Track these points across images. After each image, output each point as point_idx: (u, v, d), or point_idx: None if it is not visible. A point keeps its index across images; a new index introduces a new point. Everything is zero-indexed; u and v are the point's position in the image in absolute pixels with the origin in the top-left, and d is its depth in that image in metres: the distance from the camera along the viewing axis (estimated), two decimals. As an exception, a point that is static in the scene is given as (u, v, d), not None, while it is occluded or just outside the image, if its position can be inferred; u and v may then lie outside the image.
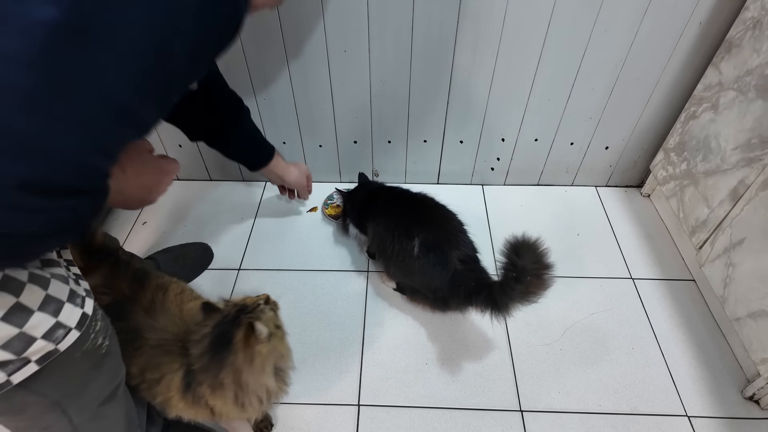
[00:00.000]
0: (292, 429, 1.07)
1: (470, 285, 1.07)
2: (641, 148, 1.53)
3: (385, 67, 1.32)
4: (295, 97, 1.41)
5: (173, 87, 0.51)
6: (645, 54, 1.28)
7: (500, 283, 1.00)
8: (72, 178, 0.45)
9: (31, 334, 0.55)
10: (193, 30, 0.48)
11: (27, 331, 0.55)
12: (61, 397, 0.65)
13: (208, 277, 1.38)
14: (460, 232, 1.17)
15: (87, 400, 0.69)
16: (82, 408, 0.69)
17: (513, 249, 0.96)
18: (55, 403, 0.64)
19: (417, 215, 1.20)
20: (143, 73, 0.46)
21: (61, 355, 0.60)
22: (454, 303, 1.13)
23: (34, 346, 0.56)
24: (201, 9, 0.48)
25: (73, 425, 0.69)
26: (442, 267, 1.10)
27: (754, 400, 1.10)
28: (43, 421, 0.66)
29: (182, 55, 0.49)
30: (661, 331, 1.24)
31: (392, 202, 1.28)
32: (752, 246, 1.07)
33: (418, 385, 1.14)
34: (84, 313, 0.62)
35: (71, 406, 0.67)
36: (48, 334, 0.57)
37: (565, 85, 1.36)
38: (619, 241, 1.46)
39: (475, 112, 1.43)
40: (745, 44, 1.12)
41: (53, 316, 0.57)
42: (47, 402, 0.63)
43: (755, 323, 1.05)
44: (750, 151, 1.09)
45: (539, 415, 1.09)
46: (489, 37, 1.25)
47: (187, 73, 0.53)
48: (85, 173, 0.46)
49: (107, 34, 0.42)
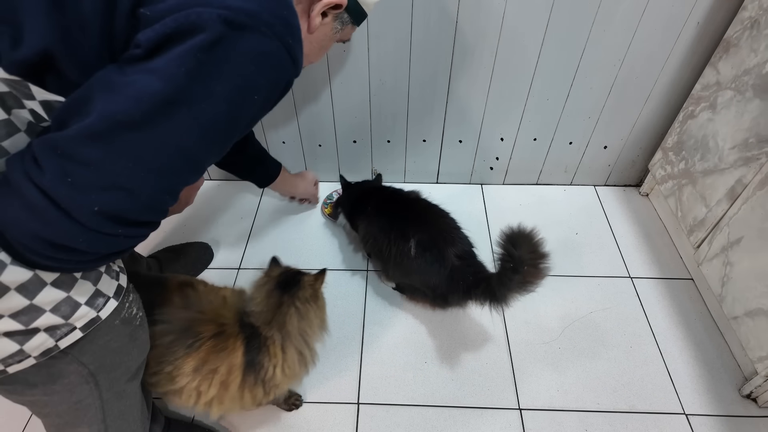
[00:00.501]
0: (292, 427, 1.08)
1: (468, 279, 1.08)
2: (639, 148, 1.53)
3: (385, 66, 1.32)
4: (295, 96, 1.41)
5: (233, 141, 0.62)
6: (643, 53, 1.28)
7: (498, 274, 1.01)
8: (144, 213, 0.55)
9: (76, 300, 0.60)
10: (259, 101, 0.59)
11: (73, 296, 0.60)
12: (98, 369, 0.68)
13: (209, 276, 1.38)
14: (455, 229, 1.17)
15: (119, 373, 0.73)
16: (113, 382, 0.72)
17: (509, 240, 0.97)
18: (91, 374, 0.68)
19: (411, 216, 1.21)
20: (214, 134, 0.57)
21: (103, 323, 0.64)
22: (453, 299, 1.14)
23: (79, 311, 0.61)
24: (267, 84, 0.59)
25: (101, 401, 0.72)
26: (439, 264, 1.10)
27: (752, 398, 1.11)
28: (75, 395, 0.68)
29: (247, 120, 0.61)
30: (659, 330, 1.24)
31: (385, 203, 1.28)
32: (750, 245, 1.07)
33: (417, 384, 1.14)
34: (119, 285, 0.68)
35: (104, 379, 0.70)
36: (90, 301, 0.62)
37: (563, 85, 1.36)
38: (617, 240, 1.47)
39: (474, 111, 1.44)
40: (742, 44, 1.13)
41: (94, 284, 0.63)
42: (85, 372, 0.67)
43: (753, 321, 1.06)
44: (747, 150, 1.09)
45: (538, 413, 1.09)
46: (488, 37, 1.25)
47: (246, 130, 0.64)
48: (155, 210, 0.57)
49: (194, 105, 0.53)
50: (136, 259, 1.19)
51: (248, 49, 0.55)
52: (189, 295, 0.90)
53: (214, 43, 0.52)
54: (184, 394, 0.85)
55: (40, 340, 0.58)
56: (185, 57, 0.51)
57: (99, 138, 0.49)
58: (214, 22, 0.52)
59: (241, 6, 0.54)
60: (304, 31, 0.71)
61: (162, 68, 0.51)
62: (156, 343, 0.82)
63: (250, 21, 0.54)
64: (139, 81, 0.51)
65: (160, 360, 0.83)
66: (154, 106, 0.51)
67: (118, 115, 0.50)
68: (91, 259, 0.56)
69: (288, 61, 0.59)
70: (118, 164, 0.50)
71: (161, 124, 0.52)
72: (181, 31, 0.52)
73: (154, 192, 0.54)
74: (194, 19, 0.51)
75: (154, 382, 0.85)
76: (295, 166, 1.61)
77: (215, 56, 0.53)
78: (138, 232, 0.57)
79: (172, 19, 0.51)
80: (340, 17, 0.76)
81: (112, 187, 0.51)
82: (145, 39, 0.52)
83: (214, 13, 0.52)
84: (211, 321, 0.86)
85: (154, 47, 0.52)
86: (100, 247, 0.54)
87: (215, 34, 0.52)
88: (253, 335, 0.86)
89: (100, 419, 0.73)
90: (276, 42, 0.57)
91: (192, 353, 0.83)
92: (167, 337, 0.83)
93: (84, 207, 0.49)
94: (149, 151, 0.52)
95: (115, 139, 0.50)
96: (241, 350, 0.85)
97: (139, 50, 0.52)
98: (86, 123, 0.49)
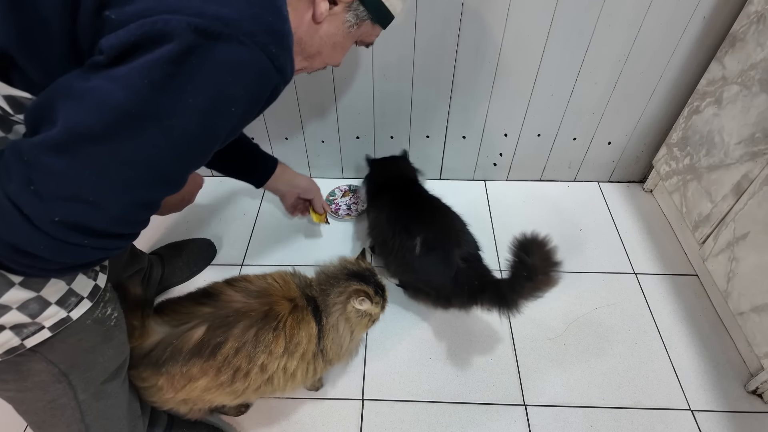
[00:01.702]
0: (297, 424, 1.07)
1: (473, 284, 1.07)
2: (644, 144, 1.53)
3: (388, 61, 1.31)
4: (297, 92, 1.40)
5: (211, 152, 0.59)
6: (648, 49, 1.28)
7: (510, 281, 1.00)
8: (114, 226, 0.53)
9: (46, 299, 0.59)
10: (238, 112, 0.55)
11: (43, 295, 0.58)
12: (69, 368, 0.67)
13: (212, 272, 1.38)
14: (462, 232, 1.16)
15: (94, 373, 0.71)
16: (88, 382, 0.71)
17: (522, 247, 0.97)
18: (62, 373, 0.66)
19: (420, 213, 1.20)
20: (188, 147, 0.54)
21: (74, 323, 0.63)
22: (457, 302, 1.14)
23: (48, 310, 0.59)
24: (247, 96, 0.55)
25: (77, 401, 0.70)
26: (444, 266, 1.10)
27: (758, 394, 1.10)
28: (48, 393, 0.67)
29: (225, 131, 0.57)
30: (663, 326, 1.24)
31: (402, 196, 1.27)
32: (756, 240, 1.07)
33: (421, 380, 1.14)
34: (96, 285, 0.66)
35: (78, 379, 0.69)
36: (61, 300, 0.60)
37: (568, 80, 1.36)
38: (621, 237, 1.46)
39: (477, 106, 1.43)
40: (749, 38, 1.12)
41: (67, 284, 0.61)
42: (55, 371, 0.65)
43: (759, 317, 1.05)
44: (754, 145, 1.08)
45: (543, 409, 1.09)
46: (492, 32, 1.25)
47: (228, 140, 0.60)
48: (126, 222, 0.55)
49: (163, 119, 0.50)
50: (137, 256, 1.17)
51: (224, 59, 0.51)
52: (243, 288, 0.89)
53: (183, 54, 0.48)
54: (275, 379, 0.86)
55: (4, 338, 0.57)
56: (151, 69, 0.48)
57: (62, 149, 0.47)
58: (184, 31, 0.48)
59: (216, 13, 0.49)
60: (308, 20, 0.67)
61: (124, 78, 0.48)
62: (243, 341, 0.81)
63: (227, 29, 0.50)
64: (100, 89, 0.48)
65: (251, 356, 0.82)
66: (116, 119, 0.48)
67: (79, 127, 0.47)
68: (57, 268, 0.54)
69: (271, 70, 0.55)
70: (81, 176, 0.48)
71: (126, 138, 0.49)
72: (147, 40, 0.48)
73: (123, 205, 0.52)
74: (161, 26, 0.47)
75: (249, 386, 0.84)
76: (298, 162, 1.60)
77: (186, 68, 0.49)
78: (109, 244, 0.55)
79: (137, 26, 0.48)
80: (354, 9, 0.70)
81: (75, 198, 0.49)
82: (108, 45, 0.48)
83: (184, 21, 0.48)
84: (283, 298, 0.87)
85: (118, 55, 0.48)
86: (64, 256, 0.52)
87: (185, 44, 0.48)
88: (316, 307, 0.90)
89: (78, 419, 0.72)
90: (257, 52, 0.52)
91: (280, 334, 0.84)
92: (250, 331, 0.82)
93: (45, 216, 0.48)
94: (114, 164, 0.49)
95: (79, 151, 0.48)
96: (312, 320, 0.88)
97: (102, 57, 0.48)
98: (51, 133, 0.47)
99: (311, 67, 0.77)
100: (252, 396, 0.89)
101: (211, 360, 0.80)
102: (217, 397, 0.86)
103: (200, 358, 0.80)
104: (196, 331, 0.81)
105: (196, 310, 0.84)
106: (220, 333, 0.81)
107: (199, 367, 0.80)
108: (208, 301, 0.86)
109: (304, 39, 0.69)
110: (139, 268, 1.17)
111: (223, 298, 0.86)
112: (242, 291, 0.88)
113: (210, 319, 0.82)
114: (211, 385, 0.82)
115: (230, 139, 0.60)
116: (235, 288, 0.88)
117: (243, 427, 1.07)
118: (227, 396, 0.86)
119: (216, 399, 0.86)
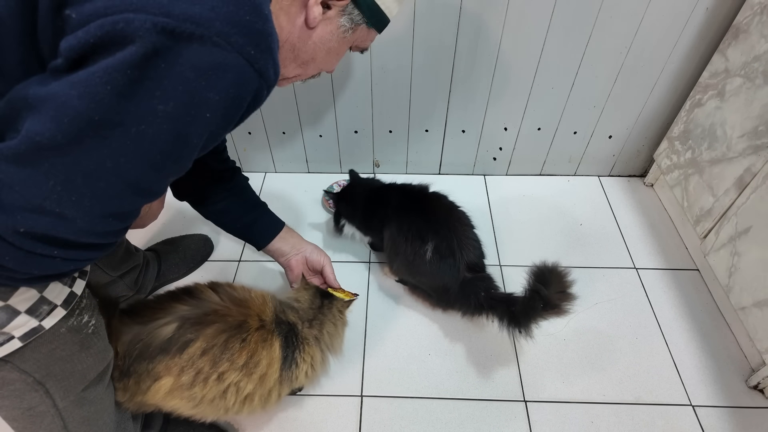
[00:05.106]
0: (295, 421, 1.06)
1: (480, 295, 1.07)
2: (645, 137, 1.51)
3: (386, 54, 1.30)
4: (295, 86, 1.38)
5: (189, 160, 0.55)
6: (650, 41, 1.26)
7: (524, 307, 1.00)
8: (84, 237, 0.51)
9: (15, 308, 0.56)
10: (214, 118, 0.51)
11: (11, 303, 0.56)
12: (45, 377, 0.64)
13: (209, 268, 1.36)
14: (471, 238, 1.14)
15: (72, 381, 0.68)
16: (67, 390, 0.68)
17: (539, 277, 0.98)
18: (38, 382, 0.64)
19: (430, 217, 1.15)
20: (159, 156, 0.50)
21: (46, 332, 0.60)
22: (459, 308, 1.13)
23: (17, 320, 0.57)
24: (223, 101, 0.51)
25: (57, 408, 0.68)
26: (452, 274, 1.09)
27: (759, 389, 1.10)
28: (25, 401, 0.65)
29: (201, 139, 0.53)
30: (664, 321, 1.23)
31: (404, 201, 1.21)
32: (759, 234, 1.05)
33: (421, 376, 1.13)
34: (72, 292, 0.63)
35: (55, 387, 0.66)
36: (32, 309, 0.58)
37: (568, 73, 1.34)
38: (622, 231, 1.45)
39: (477, 100, 1.41)
40: (752, 30, 1.10)
41: (39, 291, 0.58)
42: (30, 380, 0.63)
43: (761, 312, 1.04)
44: (757, 138, 1.07)
45: (543, 405, 1.08)
46: (492, 25, 1.23)
47: (206, 148, 0.56)
48: (98, 233, 0.52)
49: (129, 126, 0.46)
50: (131, 253, 1.16)
51: (195, 63, 0.46)
52: (226, 292, 0.88)
53: (148, 57, 0.44)
54: (229, 394, 0.83)
55: None
56: (112, 74, 0.44)
57: (23, 160, 0.45)
58: (148, 32, 0.44)
59: (185, 12, 0.45)
60: (300, 25, 0.63)
61: (83, 84, 0.44)
62: (212, 343, 0.80)
63: (198, 30, 0.45)
64: (59, 96, 0.44)
65: (215, 361, 0.80)
66: (78, 128, 0.45)
67: (38, 137, 0.44)
68: (24, 278, 0.52)
69: (250, 73, 0.51)
70: (45, 187, 0.46)
71: (91, 147, 0.46)
72: (107, 41, 0.44)
73: (93, 216, 0.50)
74: (122, 27, 0.43)
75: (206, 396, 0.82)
76: (296, 157, 1.58)
77: (152, 72, 0.45)
78: (81, 255, 0.52)
79: (96, 26, 0.43)
80: (348, 13, 0.66)
81: (40, 210, 0.46)
82: (67, 47, 0.44)
83: (149, 21, 0.43)
84: (256, 315, 0.87)
85: (77, 57, 0.44)
86: (31, 267, 0.50)
87: (149, 46, 0.44)
88: (290, 333, 0.89)
89: (60, 426, 0.70)
90: (233, 54, 0.48)
91: (246, 346, 0.82)
92: (222, 336, 0.81)
93: (8, 226, 0.46)
94: (79, 175, 0.47)
95: (42, 162, 0.45)
96: (278, 344, 0.87)
97: (60, 60, 0.45)
98: (11, 143, 0.45)
99: (305, 74, 0.73)
100: (207, 409, 0.85)
101: (176, 357, 0.78)
102: (177, 403, 0.83)
103: (167, 354, 0.78)
104: (168, 327, 0.80)
105: (172, 307, 0.83)
106: (192, 330, 0.79)
107: (164, 365, 0.78)
108: (188, 299, 0.85)
109: (297, 45, 0.66)
110: (134, 265, 1.15)
111: (203, 298, 0.85)
112: (224, 295, 0.87)
113: (186, 316, 0.81)
114: (174, 386, 0.80)
115: (211, 145, 0.57)
116: (218, 291, 0.88)
117: (241, 425, 1.06)
118: (186, 402, 0.83)
119: (177, 405, 0.83)
